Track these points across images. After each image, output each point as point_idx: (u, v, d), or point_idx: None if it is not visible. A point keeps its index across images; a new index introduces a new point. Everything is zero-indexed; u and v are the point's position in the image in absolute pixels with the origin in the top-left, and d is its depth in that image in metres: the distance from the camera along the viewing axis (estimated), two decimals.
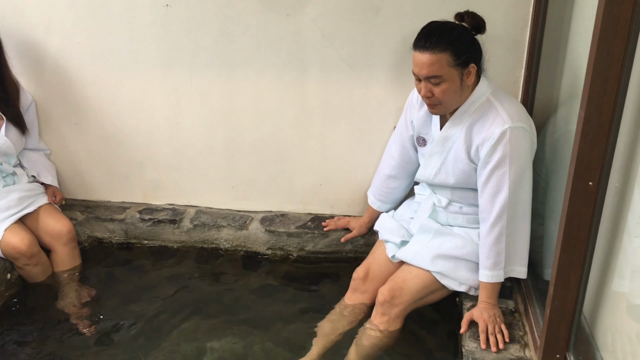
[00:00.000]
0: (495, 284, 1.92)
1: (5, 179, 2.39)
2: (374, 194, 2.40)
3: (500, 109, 1.88)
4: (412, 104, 2.14)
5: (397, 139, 2.24)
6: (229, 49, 2.38)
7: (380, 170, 2.36)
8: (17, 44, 2.45)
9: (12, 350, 2.10)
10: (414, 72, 1.86)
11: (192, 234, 2.62)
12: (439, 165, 2.05)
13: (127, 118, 2.58)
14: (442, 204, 2.11)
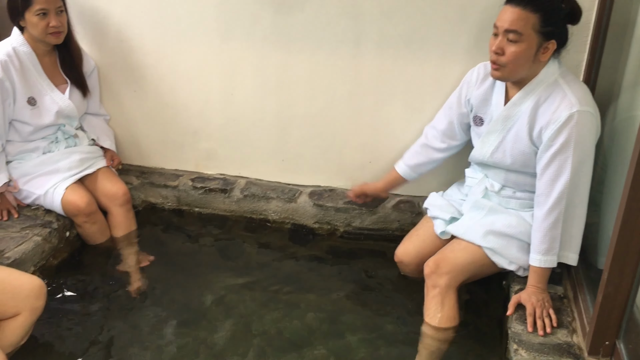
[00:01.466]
0: (546, 269, 1.90)
1: (67, 140, 2.49)
2: (405, 158, 2.34)
3: (569, 92, 1.84)
4: (471, 82, 2.11)
5: (445, 113, 2.22)
6: (286, 23, 2.39)
7: (423, 138, 2.32)
8: (82, 12, 2.53)
9: (66, 305, 2.20)
10: (495, 24, 1.83)
11: (241, 204, 2.68)
12: (496, 144, 2.02)
13: (183, 87, 2.63)
14: (494, 189, 2.09)
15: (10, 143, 2.39)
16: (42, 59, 2.38)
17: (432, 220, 2.22)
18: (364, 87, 2.45)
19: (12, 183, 2.38)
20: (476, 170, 2.20)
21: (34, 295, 1.89)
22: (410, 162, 2.33)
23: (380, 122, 2.50)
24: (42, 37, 2.28)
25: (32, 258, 2.23)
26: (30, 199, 2.41)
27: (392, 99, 2.44)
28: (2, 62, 2.24)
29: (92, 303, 2.22)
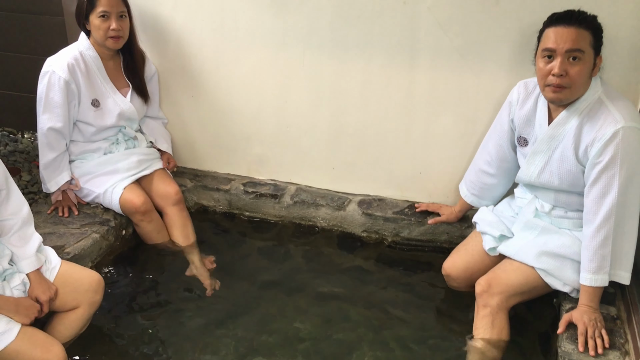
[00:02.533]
0: (598, 288, 1.86)
1: (127, 142, 2.58)
2: (468, 187, 2.39)
3: (612, 109, 1.82)
4: (513, 102, 2.11)
5: (493, 136, 2.22)
6: (342, 32, 2.42)
7: (475, 164, 2.35)
8: (146, 18, 2.62)
9: (121, 300, 2.29)
10: (550, 48, 1.83)
11: (291, 210, 2.71)
12: (542, 165, 2.00)
13: (239, 93, 2.69)
14: (545, 210, 2.06)
15: (74, 143, 2.50)
16: (107, 62, 2.47)
17: (482, 235, 2.20)
18: (417, 97, 2.45)
19: (74, 181, 2.48)
20: (525, 191, 2.17)
21: (92, 290, 1.97)
22: (475, 192, 2.35)
23: (433, 133, 2.50)
24: (102, 41, 2.37)
25: (90, 254, 2.32)
26: (90, 197, 2.51)
27: (445, 110, 2.44)
28: (69, 65, 2.34)
29: (144, 298, 2.29)
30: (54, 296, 1.89)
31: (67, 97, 2.34)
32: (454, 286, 2.27)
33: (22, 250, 1.87)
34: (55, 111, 2.34)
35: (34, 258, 1.88)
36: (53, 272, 1.95)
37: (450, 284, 2.29)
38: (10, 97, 3.13)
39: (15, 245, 1.87)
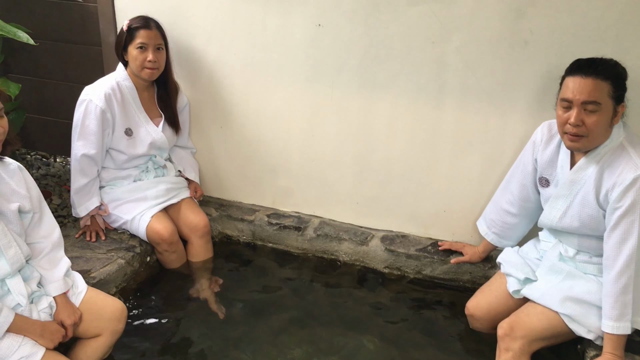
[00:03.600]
0: (621, 336, 1.83)
1: (157, 170, 2.64)
2: (489, 225, 2.38)
3: (634, 154, 1.83)
4: (537, 142, 2.11)
5: (516, 176, 2.22)
6: (371, 70, 2.47)
7: (497, 203, 2.34)
8: (180, 51, 2.70)
9: (145, 321, 2.32)
10: (567, 98, 1.84)
11: (314, 242, 2.73)
12: (564, 209, 2.00)
13: (266, 126, 2.74)
14: (569, 254, 2.05)
15: (105, 169, 2.56)
16: (142, 93, 2.55)
17: (506, 277, 2.19)
18: (443, 136, 2.47)
19: (103, 207, 2.54)
20: (549, 235, 2.16)
21: (115, 318, 1.99)
22: (497, 231, 2.35)
23: (458, 172, 2.51)
24: (138, 71, 2.45)
25: (115, 279, 2.35)
26: (117, 223, 2.56)
27: (470, 149, 2.45)
28: (106, 94, 2.42)
29: (166, 325, 2.31)
30: (78, 321, 1.92)
31: (102, 125, 2.42)
32: (477, 327, 2.25)
33: (51, 273, 1.91)
34: (90, 138, 2.41)
35: (61, 282, 1.91)
36: (79, 297, 1.98)
37: (473, 325, 2.27)
38: (46, 122, 3.23)
39: (45, 268, 1.91)
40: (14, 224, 1.84)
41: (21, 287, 1.82)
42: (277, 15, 2.50)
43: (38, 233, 1.92)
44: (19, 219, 1.86)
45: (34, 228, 1.91)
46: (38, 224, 1.92)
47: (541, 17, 2.17)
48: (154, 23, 2.46)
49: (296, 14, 2.47)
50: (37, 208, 1.90)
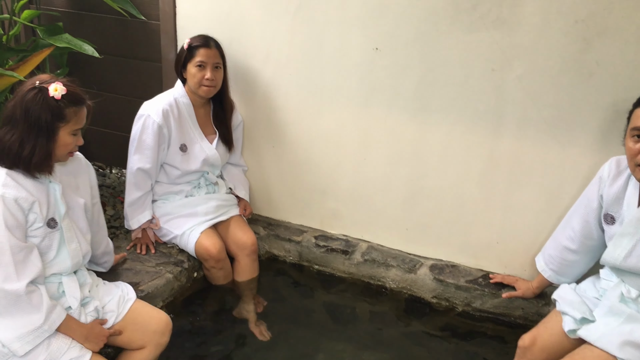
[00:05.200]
0: None
1: (208, 187, 2.66)
2: (547, 261, 2.29)
3: None
4: (604, 178, 2.02)
5: (580, 211, 2.13)
6: (427, 96, 2.43)
7: (557, 239, 2.25)
8: (237, 69, 2.73)
9: (188, 336, 2.33)
10: (639, 127, 1.77)
11: (361, 267, 2.69)
12: (630, 248, 1.90)
13: (318, 147, 2.74)
14: (631, 295, 1.94)
15: (159, 184, 2.60)
16: (198, 110, 2.59)
17: (562, 315, 2.09)
18: (500, 166, 2.41)
19: (154, 220, 2.57)
20: (611, 274, 2.06)
21: (160, 331, 2.01)
22: (555, 268, 2.26)
23: (513, 203, 2.44)
24: (196, 88, 2.49)
25: (162, 294, 2.37)
26: (167, 237, 2.59)
27: (528, 181, 2.38)
28: (164, 110, 2.46)
29: (209, 342, 2.31)
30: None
31: (158, 140, 2.46)
32: None
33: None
34: (146, 153, 2.46)
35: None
36: (128, 303, 2.03)
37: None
38: (104, 134, 3.32)
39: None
40: (80, 219, 1.95)
41: (76, 289, 1.89)
42: (334, 37, 2.50)
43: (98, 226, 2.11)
44: (84, 215, 1.97)
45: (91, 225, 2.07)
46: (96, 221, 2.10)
47: (608, 48, 2.09)
48: (214, 42, 2.50)
49: (354, 37, 2.47)
50: (95, 205, 2.06)
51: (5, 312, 1.69)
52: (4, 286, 1.67)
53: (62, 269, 1.87)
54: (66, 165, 1.94)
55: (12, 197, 1.71)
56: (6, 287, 1.67)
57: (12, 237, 1.69)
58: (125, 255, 2.45)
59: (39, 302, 1.72)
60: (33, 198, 1.76)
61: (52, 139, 1.76)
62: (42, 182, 1.82)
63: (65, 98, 1.76)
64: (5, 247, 1.67)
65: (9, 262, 1.68)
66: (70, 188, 1.93)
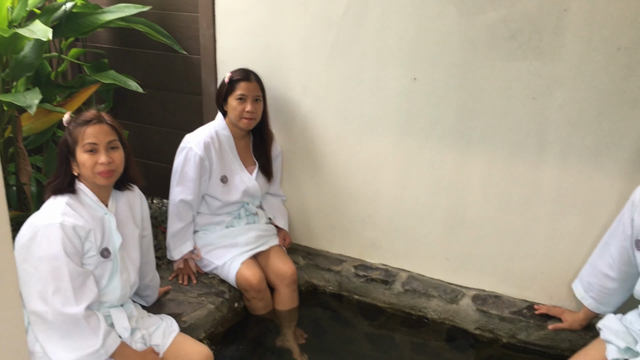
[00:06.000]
0: None
1: (248, 217, 2.69)
2: (586, 289, 2.23)
3: None
4: (636, 203, 1.98)
5: (616, 237, 2.08)
6: (466, 125, 2.42)
7: (594, 266, 2.19)
8: (276, 101, 2.77)
9: None
10: None
11: (401, 297, 2.66)
12: None
13: (357, 177, 2.74)
14: None
15: (200, 215, 2.64)
16: (238, 142, 2.63)
17: (606, 344, 2.03)
18: (542, 195, 2.37)
19: (195, 251, 2.60)
20: None
21: None
22: (596, 296, 2.21)
23: (557, 233, 2.39)
24: (236, 120, 2.53)
25: (204, 324, 2.39)
26: (208, 268, 2.61)
27: (572, 210, 2.34)
28: (205, 143, 2.51)
29: None
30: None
31: (200, 172, 2.50)
32: None
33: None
34: (188, 184, 2.50)
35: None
36: (172, 335, 2.06)
37: None
38: (146, 166, 3.39)
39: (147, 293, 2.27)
40: (133, 249, 2.02)
41: (124, 320, 1.95)
42: (372, 68, 2.52)
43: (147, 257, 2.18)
44: (138, 246, 2.04)
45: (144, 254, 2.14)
46: (146, 252, 2.16)
47: None
48: (254, 76, 2.54)
49: (392, 68, 2.49)
50: (146, 236, 2.15)
51: (64, 336, 1.74)
52: (64, 310, 1.72)
53: (111, 298, 1.91)
54: (122, 197, 2.02)
55: (70, 224, 1.78)
56: (65, 310, 1.73)
57: (71, 263, 1.75)
58: (170, 288, 2.48)
59: (96, 326, 1.78)
60: (89, 227, 1.83)
61: (70, 161, 1.87)
62: (98, 213, 1.90)
63: (73, 121, 1.88)
64: (64, 273, 1.74)
65: (68, 288, 1.74)
66: (126, 219, 2.00)
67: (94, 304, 1.82)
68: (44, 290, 1.72)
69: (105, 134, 1.86)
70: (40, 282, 1.73)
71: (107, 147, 1.86)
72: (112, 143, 1.88)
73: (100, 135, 1.85)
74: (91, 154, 1.84)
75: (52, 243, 1.74)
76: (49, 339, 1.75)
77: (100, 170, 1.84)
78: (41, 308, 1.73)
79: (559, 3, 2.14)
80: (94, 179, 1.86)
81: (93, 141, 1.84)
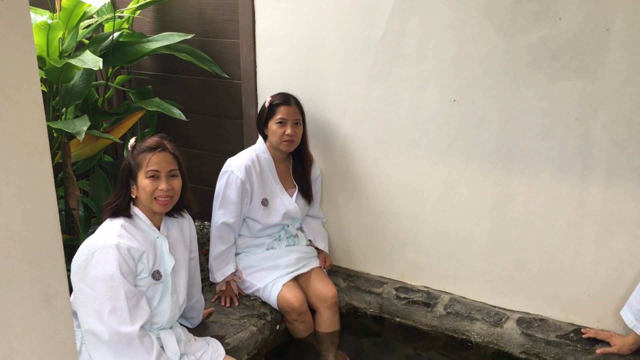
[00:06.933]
0: None
1: (289, 239, 2.71)
2: (637, 316, 2.17)
3: None
4: None
5: None
6: (508, 147, 2.41)
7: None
8: (316, 124, 2.80)
9: None
10: None
11: (443, 320, 2.63)
12: None
13: (397, 199, 2.74)
14: None
15: (241, 237, 2.67)
16: (279, 165, 2.66)
17: None
18: (588, 217, 2.33)
19: (237, 273, 2.63)
20: None
21: None
22: None
23: (604, 255, 2.34)
24: (277, 144, 2.56)
25: (247, 347, 2.40)
26: (250, 290, 2.63)
27: (619, 231, 2.29)
28: (246, 166, 2.55)
29: None
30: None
31: (241, 195, 2.54)
32: None
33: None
34: (230, 208, 2.54)
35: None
36: (219, 359, 2.07)
37: None
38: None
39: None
40: (182, 271, 2.07)
41: (174, 344, 1.99)
42: (412, 90, 2.53)
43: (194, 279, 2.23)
44: (187, 268, 2.10)
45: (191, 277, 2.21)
46: (192, 274, 2.21)
47: None
48: (294, 100, 2.58)
49: (431, 90, 2.49)
50: (193, 259, 2.21)
51: (119, 355, 1.79)
52: (119, 329, 1.77)
53: (161, 320, 1.96)
54: (174, 221, 2.09)
55: (125, 246, 1.84)
56: (121, 330, 1.78)
57: (126, 283, 1.81)
58: (213, 310, 2.51)
59: (150, 346, 1.82)
60: (143, 249, 1.89)
61: (131, 184, 1.95)
62: (151, 236, 1.96)
63: (137, 147, 1.97)
64: (120, 293, 1.79)
65: (124, 307, 1.79)
66: (177, 242, 2.06)
67: (147, 324, 1.86)
68: (101, 309, 1.78)
69: (168, 162, 1.97)
70: (97, 301, 1.78)
71: (168, 175, 1.96)
72: (172, 172, 1.98)
73: (162, 163, 1.95)
74: (153, 179, 1.93)
75: (108, 264, 1.80)
76: (103, 358, 1.79)
77: (159, 195, 1.93)
78: (97, 327, 1.78)
79: (601, 23, 2.12)
80: (151, 204, 1.94)
81: (156, 168, 1.93)
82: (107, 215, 1.94)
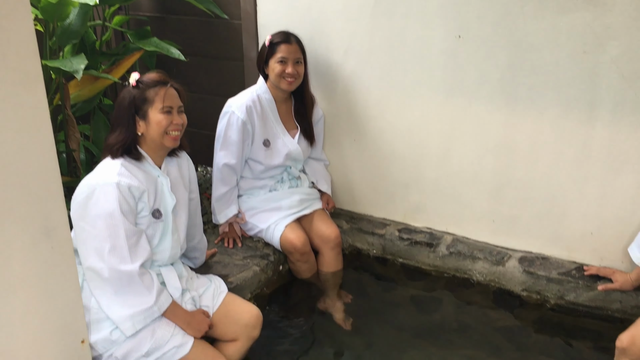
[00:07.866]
0: None
1: (291, 181, 2.70)
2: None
3: None
4: None
5: None
6: (514, 83, 2.36)
7: None
8: (318, 64, 2.75)
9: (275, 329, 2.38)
10: None
11: (446, 260, 2.64)
12: None
13: (401, 140, 2.71)
14: None
15: (243, 179, 2.66)
16: (280, 105, 2.62)
17: None
18: (594, 154, 2.30)
19: (240, 215, 2.63)
20: None
21: (251, 325, 2.06)
22: None
23: (609, 192, 2.32)
24: (277, 82, 2.52)
25: (250, 286, 2.42)
26: (253, 232, 2.64)
27: (624, 169, 2.26)
28: (247, 107, 2.51)
29: (298, 333, 2.35)
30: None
31: (242, 136, 2.51)
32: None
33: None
34: (231, 149, 2.52)
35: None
36: (221, 296, 2.11)
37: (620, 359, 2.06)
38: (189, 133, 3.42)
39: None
40: (182, 211, 2.06)
41: (175, 280, 1.99)
42: (416, 28, 2.47)
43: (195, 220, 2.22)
44: (187, 208, 2.09)
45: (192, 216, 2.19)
46: (193, 214, 2.20)
47: None
48: (294, 38, 2.52)
49: (436, 26, 2.43)
50: (194, 199, 2.17)
51: (119, 293, 1.80)
52: (119, 267, 1.78)
53: (162, 258, 1.97)
54: (173, 161, 2.07)
55: (126, 184, 1.83)
56: (121, 268, 1.78)
57: (126, 221, 1.80)
58: (216, 251, 2.52)
59: (150, 284, 1.83)
60: (143, 188, 1.88)
61: (137, 122, 1.91)
62: (152, 174, 1.94)
63: (142, 83, 1.91)
64: (120, 231, 1.79)
65: (124, 246, 1.79)
66: (177, 181, 2.05)
67: (147, 262, 1.86)
68: (101, 247, 1.78)
69: (177, 97, 1.97)
70: (97, 239, 1.78)
71: (179, 110, 1.96)
72: (181, 107, 1.98)
73: (174, 98, 1.95)
74: (167, 115, 1.91)
75: (109, 202, 1.79)
76: (104, 294, 1.81)
77: (173, 129, 1.92)
78: (98, 265, 1.78)
79: None
80: (162, 139, 1.92)
81: (170, 104, 1.92)
82: (109, 154, 1.91)
